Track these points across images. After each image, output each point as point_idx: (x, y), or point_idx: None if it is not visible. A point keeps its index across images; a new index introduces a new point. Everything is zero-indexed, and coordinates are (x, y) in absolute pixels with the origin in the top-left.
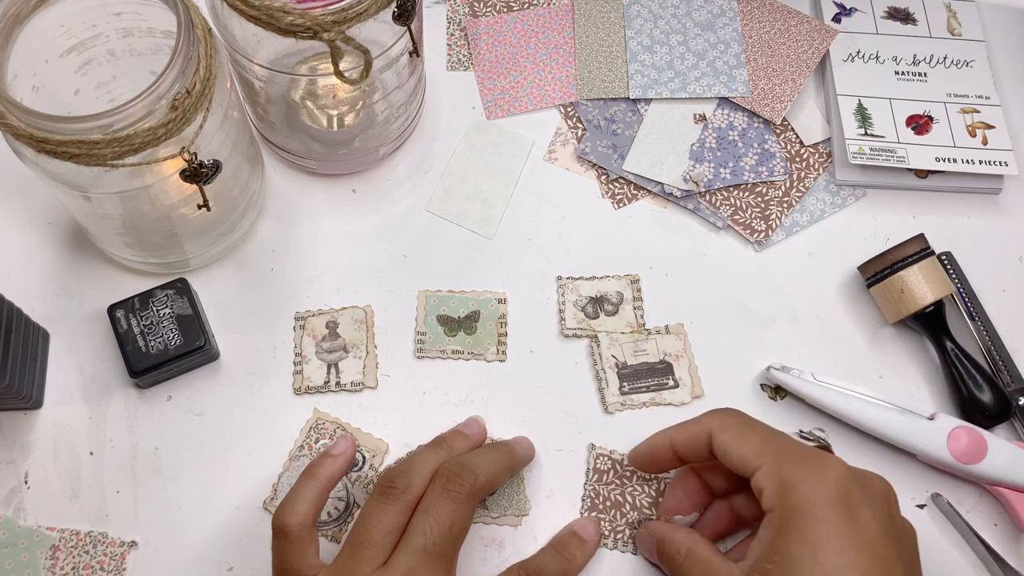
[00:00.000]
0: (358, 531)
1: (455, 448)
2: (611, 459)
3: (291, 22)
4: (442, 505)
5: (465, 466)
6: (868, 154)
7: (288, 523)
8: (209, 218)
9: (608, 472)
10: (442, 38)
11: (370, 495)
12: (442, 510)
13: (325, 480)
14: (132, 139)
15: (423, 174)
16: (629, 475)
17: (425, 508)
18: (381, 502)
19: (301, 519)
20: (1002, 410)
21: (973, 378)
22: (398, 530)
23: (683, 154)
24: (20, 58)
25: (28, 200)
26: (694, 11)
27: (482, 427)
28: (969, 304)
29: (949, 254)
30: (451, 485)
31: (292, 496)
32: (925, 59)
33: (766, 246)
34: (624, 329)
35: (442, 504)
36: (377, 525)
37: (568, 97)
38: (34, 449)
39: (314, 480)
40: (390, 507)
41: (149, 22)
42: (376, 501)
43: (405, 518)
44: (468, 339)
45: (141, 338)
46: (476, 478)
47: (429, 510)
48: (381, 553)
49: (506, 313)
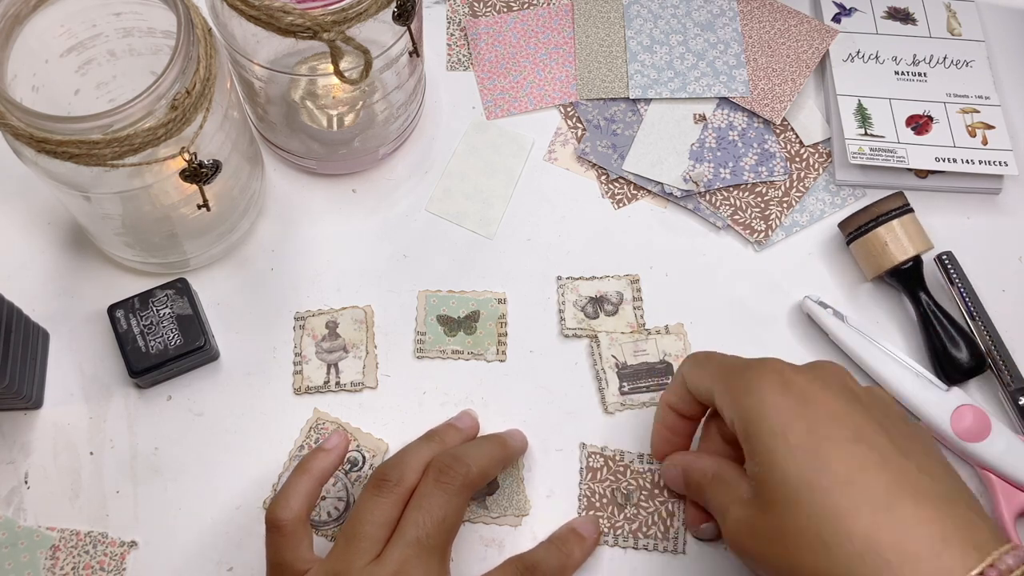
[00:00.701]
0: (352, 524)
1: (447, 441)
2: (603, 456)
3: (291, 22)
4: (435, 497)
5: (457, 458)
6: (868, 154)
7: (281, 517)
8: (209, 218)
9: (601, 469)
10: (442, 38)
11: (363, 488)
12: (435, 502)
13: (318, 474)
14: (132, 139)
15: (423, 174)
16: (623, 470)
17: (418, 500)
18: (374, 495)
19: (295, 513)
20: (976, 364)
21: (948, 333)
22: (391, 522)
23: (683, 154)
24: (20, 58)
25: (28, 200)
26: (694, 11)
27: (474, 420)
28: (969, 303)
29: (950, 254)
30: (444, 477)
31: (285, 490)
32: (925, 59)
33: (766, 246)
34: (624, 329)
35: (435, 496)
36: (371, 518)
37: (568, 97)
38: (34, 449)
39: (307, 474)
40: (383, 500)
41: (149, 22)
42: (369, 494)
43: (398, 511)
44: (468, 339)
45: (141, 338)
46: (468, 470)
47: (422, 502)
48: (375, 545)
49: (506, 313)
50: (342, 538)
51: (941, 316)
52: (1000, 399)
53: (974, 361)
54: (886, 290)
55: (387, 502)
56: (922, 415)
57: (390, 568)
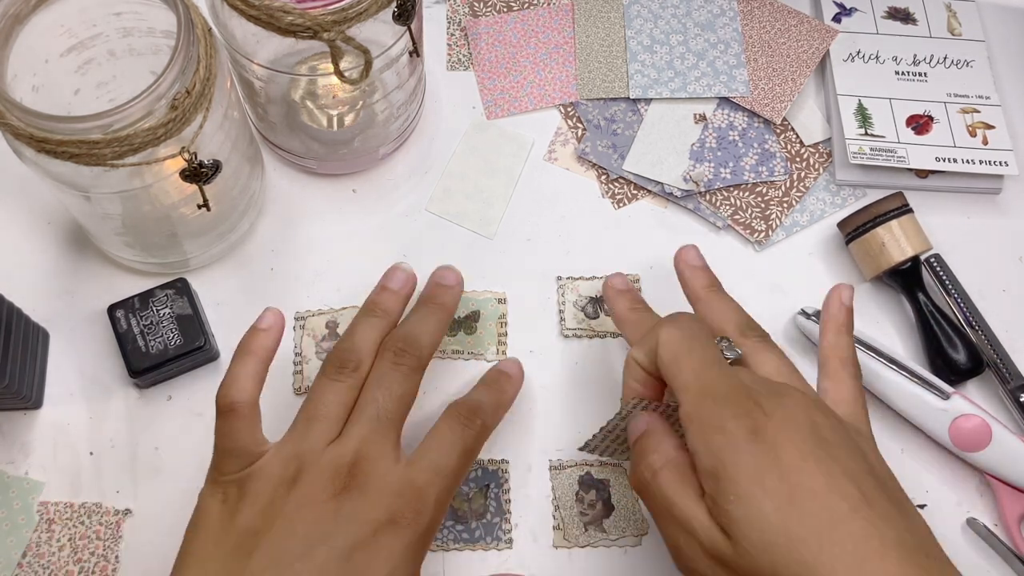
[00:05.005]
0: (311, 406)
1: (391, 310)
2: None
3: (291, 22)
4: (392, 376)
5: (409, 339)
6: (868, 154)
7: (237, 399)
8: (209, 218)
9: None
10: (442, 38)
11: (320, 370)
12: (393, 380)
13: (263, 354)
14: (132, 139)
15: (423, 174)
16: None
17: (377, 380)
18: (333, 379)
19: (249, 394)
20: (975, 365)
21: (946, 334)
22: (350, 403)
23: (683, 154)
24: (20, 58)
25: (28, 200)
26: (694, 11)
27: (408, 274)
28: (961, 304)
29: (938, 256)
30: (399, 359)
31: (233, 373)
32: (925, 59)
33: (766, 246)
34: None
35: (393, 375)
36: (330, 399)
37: (568, 97)
38: (34, 449)
39: (252, 355)
40: (341, 383)
41: (149, 22)
42: (328, 379)
43: (356, 393)
44: (468, 339)
45: (141, 338)
46: (421, 350)
47: (381, 381)
48: (335, 426)
49: (506, 313)
50: (302, 419)
51: (939, 317)
52: (1000, 397)
53: (972, 362)
54: (885, 290)
55: (345, 386)
56: (921, 426)
57: (352, 445)
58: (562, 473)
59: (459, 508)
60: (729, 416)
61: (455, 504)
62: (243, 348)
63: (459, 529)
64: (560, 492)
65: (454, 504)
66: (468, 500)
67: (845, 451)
